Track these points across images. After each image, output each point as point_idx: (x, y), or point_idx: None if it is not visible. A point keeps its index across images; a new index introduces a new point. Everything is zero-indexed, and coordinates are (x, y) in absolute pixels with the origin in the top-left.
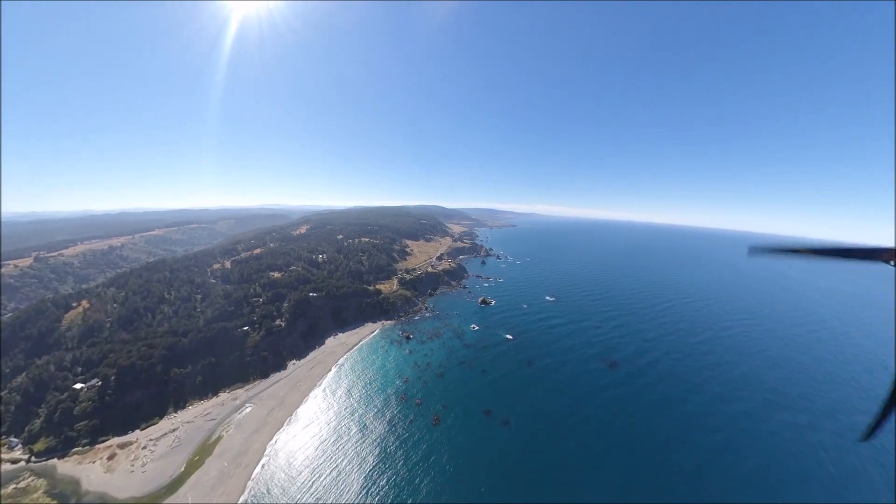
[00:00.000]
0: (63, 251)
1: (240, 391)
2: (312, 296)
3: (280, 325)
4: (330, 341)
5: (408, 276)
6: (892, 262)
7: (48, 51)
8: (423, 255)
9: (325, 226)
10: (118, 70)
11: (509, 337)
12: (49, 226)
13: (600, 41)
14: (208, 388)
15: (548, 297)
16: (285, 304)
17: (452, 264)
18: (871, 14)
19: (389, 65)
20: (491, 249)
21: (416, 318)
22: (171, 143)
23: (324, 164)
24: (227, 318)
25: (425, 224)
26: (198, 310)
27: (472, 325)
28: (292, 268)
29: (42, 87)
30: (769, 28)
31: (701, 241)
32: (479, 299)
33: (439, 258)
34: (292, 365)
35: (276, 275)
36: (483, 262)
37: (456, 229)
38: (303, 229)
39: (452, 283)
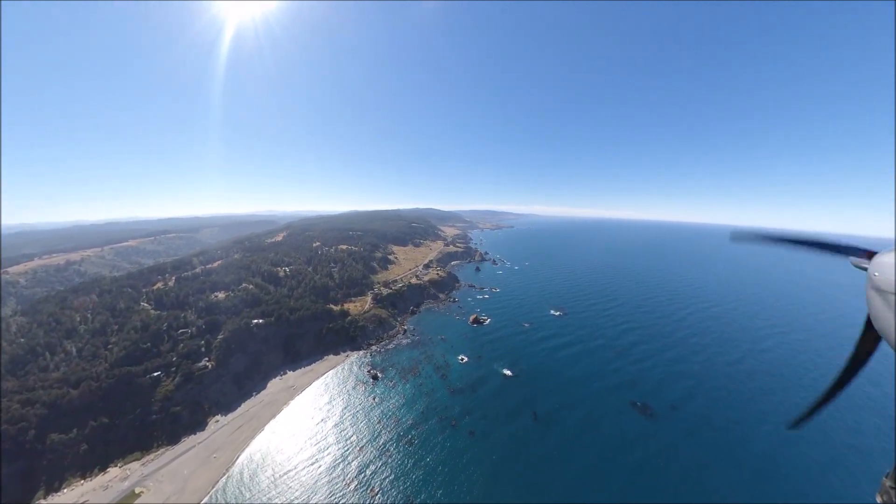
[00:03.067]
0: (9, 269)
1: (135, 464)
2: (257, 323)
3: (206, 367)
4: (274, 384)
5: (385, 291)
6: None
7: (43, 54)
8: (408, 263)
9: (305, 232)
10: (114, 74)
11: (507, 373)
12: (27, 238)
13: (593, 41)
14: (96, 460)
15: (552, 311)
16: (219, 337)
17: (442, 273)
18: (870, 9)
19: (385, 67)
20: (486, 253)
21: (392, 345)
22: (168, 150)
23: (321, 169)
24: (138, 359)
25: (416, 227)
26: (109, 346)
27: (461, 357)
28: (243, 285)
29: (34, 92)
30: (764, 25)
31: (706, 239)
32: (471, 317)
33: (427, 266)
34: (214, 423)
35: (220, 296)
36: (477, 269)
37: (449, 232)
38: (279, 237)
39: (440, 295)
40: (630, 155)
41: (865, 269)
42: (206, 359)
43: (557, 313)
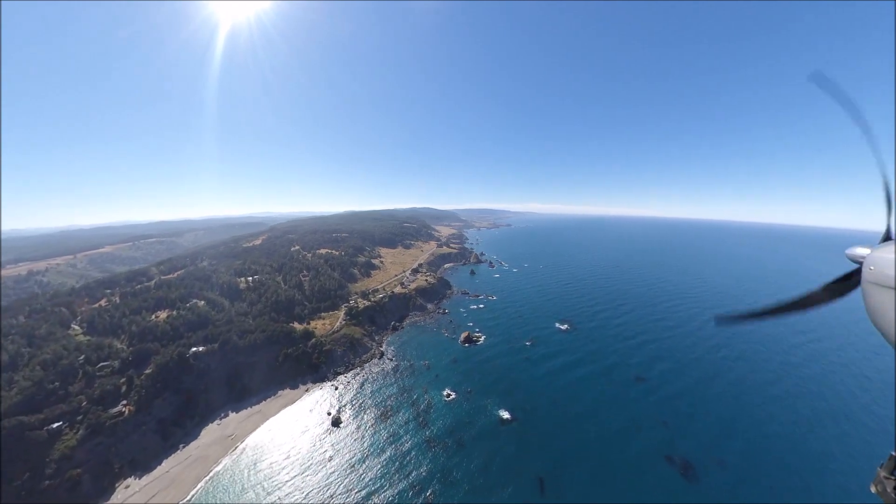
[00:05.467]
0: None
1: None
2: (196, 351)
3: (121, 414)
4: (209, 432)
5: (362, 304)
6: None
7: (33, 56)
8: (395, 268)
9: (287, 235)
10: (107, 76)
11: (505, 415)
12: (8, 245)
13: (587, 41)
14: None
15: (558, 325)
16: (146, 371)
17: (431, 279)
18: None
19: (381, 67)
20: (482, 254)
21: (362, 374)
22: (164, 152)
23: (319, 170)
24: (38, 404)
25: (409, 228)
26: (14, 385)
27: (446, 392)
28: (193, 302)
29: (24, 95)
30: (758, 23)
31: (707, 235)
32: (463, 335)
33: (415, 270)
34: (124, 489)
35: (162, 316)
36: (472, 272)
37: (444, 232)
38: (258, 240)
39: (429, 306)
40: (627, 152)
41: (860, 264)
42: (124, 402)
43: (565, 327)
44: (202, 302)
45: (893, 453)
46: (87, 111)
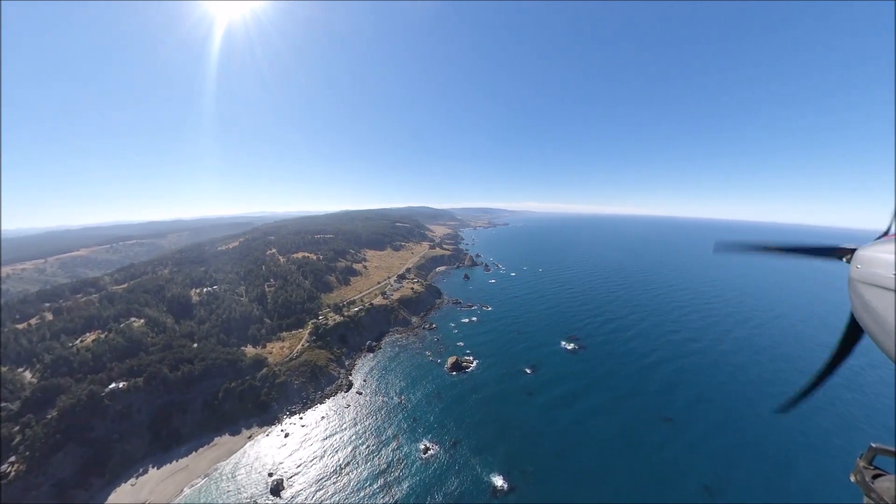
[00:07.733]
0: None
1: None
2: (114, 389)
3: (6, 475)
4: (120, 494)
5: (332, 320)
6: (846, 259)
7: (27, 55)
8: (379, 273)
9: (266, 236)
10: (102, 76)
11: (499, 482)
12: None
13: (584, 41)
14: None
15: (563, 343)
16: (49, 416)
17: (419, 286)
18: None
19: (379, 66)
20: (478, 256)
21: (322, 413)
22: (160, 152)
23: (318, 169)
24: None
25: (400, 228)
26: None
27: (423, 444)
28: (128, 321)
29: (17, 94)
30: (758, 22)
31: (709, 233)
32: (450, 360)
33: (402, 277)
34: None
35: (89, 339)
36: (466, 277)
37: (438, 232)
38: (234, 243)
39: (414, 319)
40: (625, 151)
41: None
42: (12, 458)
43: (570, 346)
44: (141, 321)
45: (873, 444)
46: (84, 111)
